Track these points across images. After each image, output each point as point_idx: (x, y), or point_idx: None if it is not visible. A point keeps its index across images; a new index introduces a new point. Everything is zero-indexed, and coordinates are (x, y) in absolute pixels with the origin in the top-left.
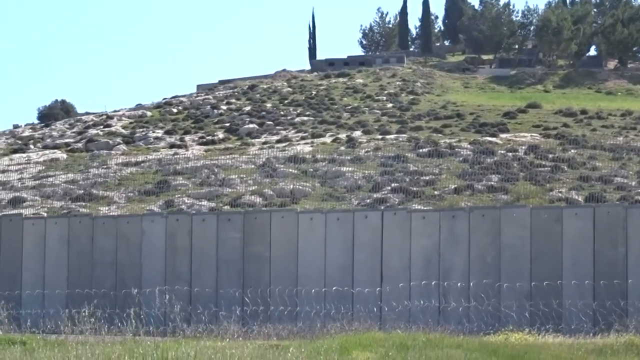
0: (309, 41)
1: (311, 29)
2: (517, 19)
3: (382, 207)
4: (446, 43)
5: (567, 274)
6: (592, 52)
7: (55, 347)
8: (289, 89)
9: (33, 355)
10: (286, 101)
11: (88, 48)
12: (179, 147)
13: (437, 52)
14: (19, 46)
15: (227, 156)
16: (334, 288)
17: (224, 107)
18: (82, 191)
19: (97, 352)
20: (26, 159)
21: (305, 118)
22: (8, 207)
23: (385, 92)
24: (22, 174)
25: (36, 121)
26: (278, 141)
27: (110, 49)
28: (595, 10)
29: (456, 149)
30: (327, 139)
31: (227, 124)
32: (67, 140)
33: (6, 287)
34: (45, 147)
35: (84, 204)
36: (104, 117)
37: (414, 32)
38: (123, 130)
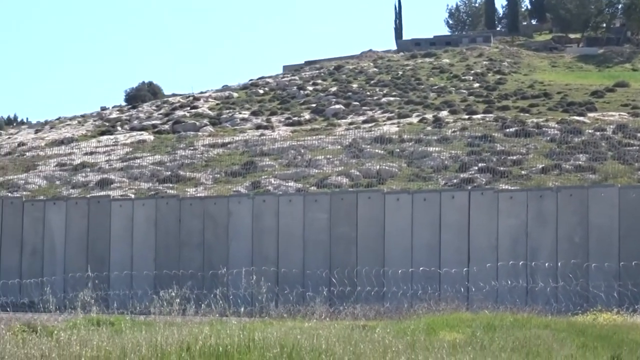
0: (395, 21)
1: (397, 9)
2: None
3: (469, 187)
4: (533, 22)
5: None
6: None
7: (143, 328)
8: (375, 69)
9: (121, 336)
10: (372, 81)
11: (175, 29)
12: (265, 128)
13: (524, 31)
14: (107, 29)
15: (314, 137)
16: (421, 268)
17: (310, 88)
18: (169, 173)
19: (185, 332)
20: (113, 140)
21: (392, 98)
22: (96, 188)
23: (472, 71)
24: (109, 155)
25: (123, 103)
26: (364, 122)
27: (197, 30)
28: None
29: (543, 129)
30: (414, 119)
31: (314, 105)
32: (154, 122)
33: (95, 268)
34: (132, 129)
35: (171, 185)
36: (191, 98)
37: (500, 11)
38: (210, 112)
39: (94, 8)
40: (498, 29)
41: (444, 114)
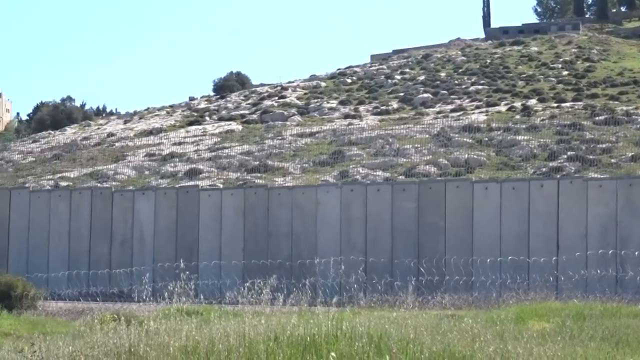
0: (483, 9)
1: None
2: None
3: (558, 176)
4: (622, 9)
5: None
6: None
7: (231, 318)
8: (463, 57)
9: (209, 325)
10: (460, 70)
11: (263, 19)
12: (353, 117)
13: (613, 18)
14: (195, 20)
15: (402, 126)
16: (510, 257)
17: (398, 77)
18: (258, 162)
19: (273, 322)
20: (202, 130)
21: (480, 87)
22: (185, 178)
23: (561, 59)
24: (198, 145)
25: (211, 93)
26: (452, 110)
27: (285, 20)
28: None
29: (633, 116)
30: (502, 108)
31: (401, 94)
32: (242, 112)
33: (184, 258)
34: (221, 119)
35: (259, 175)
36: (279, 88)
37: None
38: (297, 101)
39: (181, 0)
40: (587, 16)
41: (532, 102)
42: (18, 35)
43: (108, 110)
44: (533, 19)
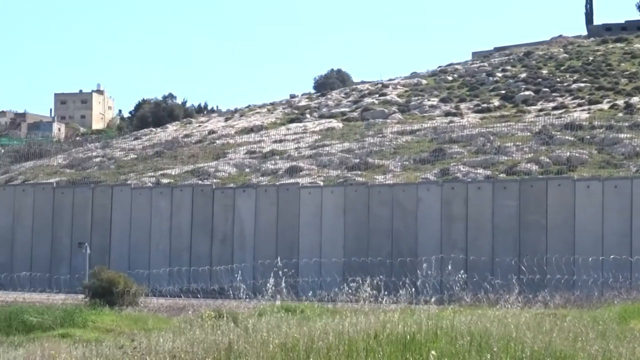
0: (586, 6)
1: None
2: None
3: None
4: None
5: None
6: None
7: (331, 315)
8: (565, 55)
9: (309, 323)
10: (562, 67)
11: (364, 16)
12: (454, 115)
13: None
14: (296, 17)
15: (503, 124)
16: (612, 256)
17: (500, 74)
18: (358, 160)
19: (372, 320)
20: (302, 128)
21: (582, 84)
22: (285, 176)
23: None
24: (298, 143)
25: (312, 90)
26: (554, 108)
27: (386, 18)
28: None
29: None
30: (604, 106)
31: (503, 91)
32: (342, 110)
33: (284, 255)
34: (321, 117)
35: (359, 172)
36: (380, 85)
37: None
38: (398, 99)
39: None
40: None
41: (635, 100)
42: (120, 33)
43: (209, 107)
44: (636, 15)
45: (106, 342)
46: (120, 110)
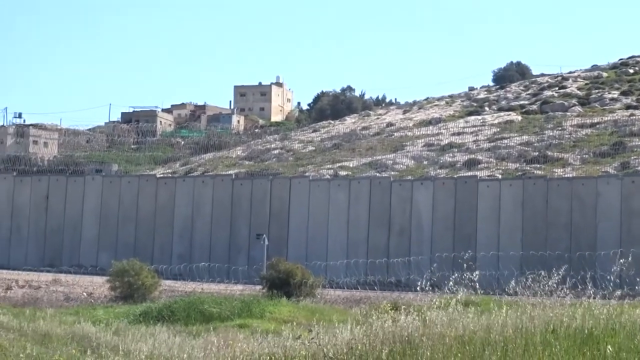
0: None
1: None
2: None
3: None
4: None
5: None
6: None
7: (509, 309)
8: None
9: (486, 316)
10: None
11: (544, 9)
12: (635, 108)
13: None
14: (477, 9)
15: None
16: None
17: None
18: (537, 153)
19: (550, 314)
20: (481, 121)
21: None
22: (463, 169)
23: None
24: (477, 136)
25: (491, 83)
26: None
27: (565, 10)
28: None
29: None
30: None
31: None
32: (521, 102)
33: (461, 248)
34: (500, 109)
35: (538, 165)
36: (559, 78)
37: None
38: (578, 92)
39: None
40: None
41: None
42: (299, 26)
43: (387, 100)
44: None
45: (284, 333)
46: (299, 103)
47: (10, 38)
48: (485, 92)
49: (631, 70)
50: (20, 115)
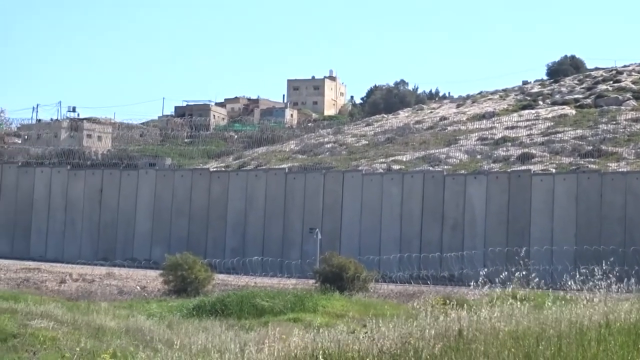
0: None
1: None
2: None
3: None
4: None
5: None
6: None
7: (562, 304)
8: None
9: (540, 311)
10: None
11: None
12: None
13: None
14: (530, 2)
15: None
16: None
17: None
18: (591, 147)
19: (605, 309)
20: (535, 115)
21: None
22: (517, 163)
23: None
24: (530, 130)
25: (545, 77)
26: None
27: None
28: None
29: None
30: None
31: None
32: (575, 96)
33: (515, 243)
34: (554, 103)
35: (592, 160)
36: (614, 72)
37: None
38: (633, 86)
39: None
40: None
41: None
42: (352, 21)
43: (441, 94)
44: None
45: (337, 327)
46: (352, 97)
47: (65, 32)
48: (539, 86)
49: None
50: (74, 109)
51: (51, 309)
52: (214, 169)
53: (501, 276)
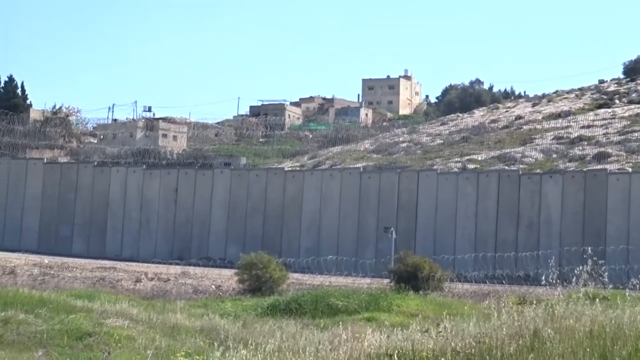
0: None
1: None
2: None
3: None
4: None
5: None
6: None
7: (637, 303)
8: None
9: (616, 311)
10: None
11: None
12: None
13: None
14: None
15: None
16: None
17: None
18: None
19: None
20: (611, 114)
21: None
22: (593, 162)
23: None
24: (607, 129)
25: (621, 76)
26: None
27: None
28: None
29: None
30: None
31: None
32: None
33: (591, 242)
34: (631, 102)
35: None
36: None
37: None
38: None
39: None
40: None
41: None
42: (427, 19)
43: (516, 93)
44: None
45: (412, 326)
46: (427, 96)
47: (141, 32)
48: (616, 85)
49: None
50: (149, 109)
51: (126, 308)
52: (289, 169)
53: (577, 275)
